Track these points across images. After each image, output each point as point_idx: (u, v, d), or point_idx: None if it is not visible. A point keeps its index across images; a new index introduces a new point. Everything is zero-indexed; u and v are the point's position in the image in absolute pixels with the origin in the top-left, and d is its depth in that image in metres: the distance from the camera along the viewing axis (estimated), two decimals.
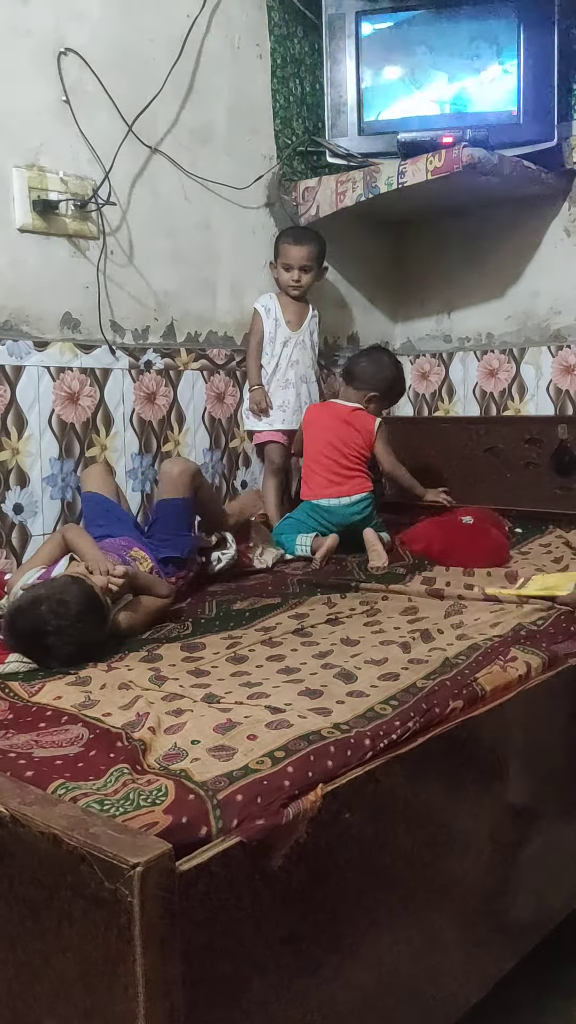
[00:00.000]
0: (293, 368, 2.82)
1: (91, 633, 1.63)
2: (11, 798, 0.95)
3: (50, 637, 1.57)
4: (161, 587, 1.93)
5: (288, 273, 2.79)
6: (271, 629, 1.77)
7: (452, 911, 1.32)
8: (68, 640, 1.58)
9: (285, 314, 2.83)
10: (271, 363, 2.82)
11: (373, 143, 2.87)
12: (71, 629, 1.58)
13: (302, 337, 2.85)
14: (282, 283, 2.83)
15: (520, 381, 3.14)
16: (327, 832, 1.06)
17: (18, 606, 1.64)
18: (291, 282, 2.79)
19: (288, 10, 2.92)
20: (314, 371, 2.90)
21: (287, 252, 2.78)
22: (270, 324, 2.81)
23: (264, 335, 2.81)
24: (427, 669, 1.45)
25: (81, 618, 1.60)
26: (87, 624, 1.62)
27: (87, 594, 1.65)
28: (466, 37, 2.80)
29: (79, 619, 1.60)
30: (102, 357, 2.48)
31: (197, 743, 1.16)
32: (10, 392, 2.27)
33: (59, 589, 1.64)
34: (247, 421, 2.88)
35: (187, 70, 2.64)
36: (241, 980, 0.96)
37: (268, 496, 2.88)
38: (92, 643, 1.63)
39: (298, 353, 2.83)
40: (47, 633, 1.57)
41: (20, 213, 2.26)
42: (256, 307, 2.82)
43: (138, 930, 0.82)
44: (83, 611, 1.61)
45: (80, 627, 1.59)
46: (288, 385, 2.82)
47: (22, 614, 1.61)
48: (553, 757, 1.56)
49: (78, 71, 2.35)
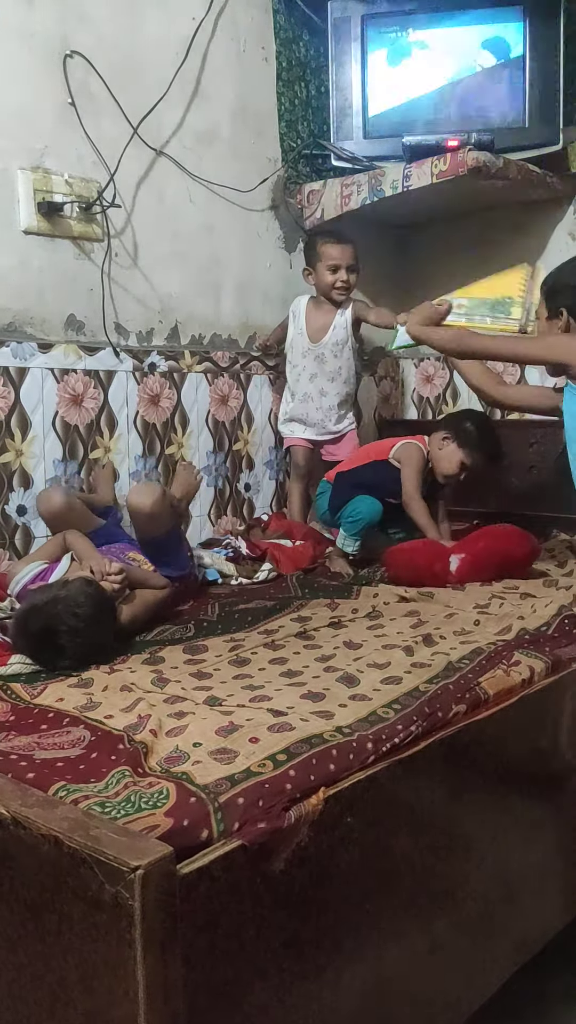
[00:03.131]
0: (313, 382, 2.79)
1: (102, 636, 1.65)
2: (12, 800, 0.95)
3: (63, 637, 1.58)
4: (155, 579, 1.96)
5: (335, 275, 2.69)
6: (273, 632, 1.77)
7: (454, 916, 1.31)
8: (81, 642, 1.59)
9: (308, 325, 2.78)
10: (293, 372, 2.81)
11: (378, 146, 2.86)
12: (86, 631, 1.59)
13: (322, 350, 2.77)
14: (325, 287, 2.73)
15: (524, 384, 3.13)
16: (329, 836, 1.06)
17: (33, 605, 1.65)
18: (339, 283, 2.70)
19: (294, 13, 2.93)
20: (344, 383, 2.81)
21: (330, 253, 2.70)
22: (294, 331, 2.79)
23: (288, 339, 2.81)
24: (430, 673, 1.45)
25: (96, 620, 1.63)
26: (100, 627, 1.64)
27: (102, 597, 1.69)
28: (472, 41, 2.79)
29: (95, 620, 1.62)
30: (106, 359, 2.48)
31: (199, 746, 1.16)
32: (14, 394, 2.28)
33: (75, 591, 1.66)
34: (280, 426, 2.90)
35: (192, 73, 2.64)
36: (242, 984, 0.96)
37: (292, 498, 2.88)
38: (102, 646, 1.64)
39: (315, 366, 2.78)
40: (61, 633, 1.58)
41: (25, 215, 2.26)
42: (292, 309, 2.81)
43: (139, 933, 0.82)
44: (97, 614, 1.64)
45: (94, 629, 1.62)
46: (307, 400, 2.80)
47: (37, 613, 1.62)
48: (556, 762, 1.55)
49: (84, 74, 2.36)
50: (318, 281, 2.75)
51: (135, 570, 1.95)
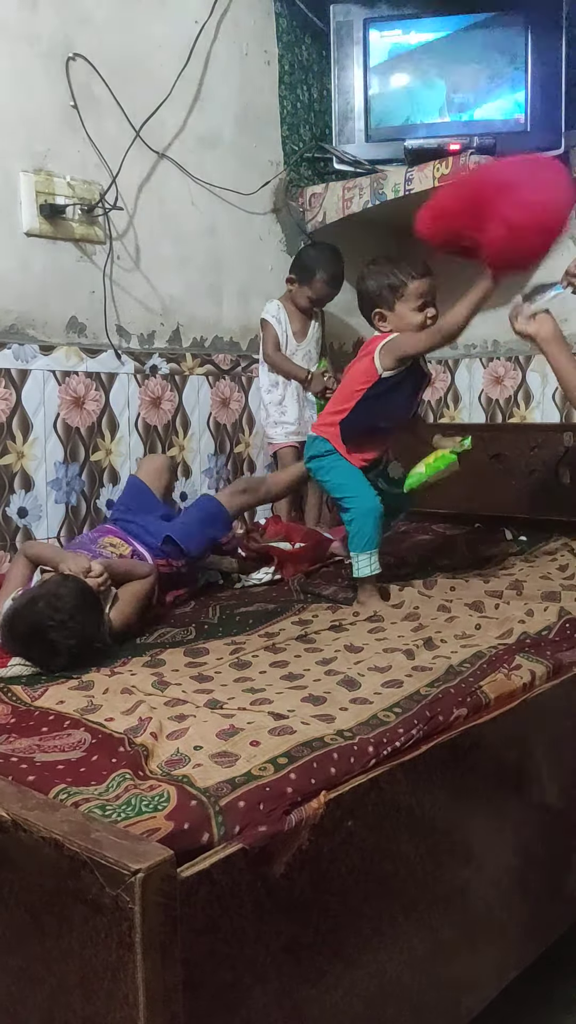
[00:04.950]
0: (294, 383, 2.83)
1: (89, 625, 1.65)
2: (13, 803, 0.95)
3: (52, 632, 1.58)
4: (140, 568, 1.95)
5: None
6: (274, 635, 1.76)
7: (454, 921, 1.31)
8: (69, 634, 1.58)
9: (292, 325, 2.83)
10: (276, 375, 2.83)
11: (380, 150, 2.87)
12: (71, 622, 1.59)
13: (308, 347, 2.85)
14: (299, 304, 2.81)
15: (526, 388, 3.14)
16: (330, 840, 1.06)
17: (14, 610, 1.66)
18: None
19: (296, 17, 2.93)
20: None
21: (321, 290, 2.76)
22: (281, 334, 2.81)
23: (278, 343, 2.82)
24: (431, 676, 1.44)
25: (79, 610, 1.62)
26: (85, 616, 1.64)
27: (81, 588, 1.68)
28: (474, 44, 2.80)
29: (77, 611, 1.62)
30: (108, 361, 2.48)
31: (199, 749, 1.16)
32: (15, 396, 2.28)
33: (53, 587, 1.67)
34: (267, 429, 2.89)
35: (195, 76, 2.65)
36: (242, 988, 0.96)
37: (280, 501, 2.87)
38: (91, 637, 1.65)
39: (304, 364, 2.83)
40: (48, 629, 1.58)
41: (27, 217, 2.27)
42: (266, 317, 2.81)
43: (139, 937, 0.81)
44: (80, 604, 1.64)
45: (79, 619, 1.61)
46: (299, 397, 2.82)
47: (20, 616, 1.62)
48: (557, 766, 1.55)
49: (86, 76, 2.36)
50: (296, 296, 2.78)
51: (116, 563, 1.92)
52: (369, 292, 2.13)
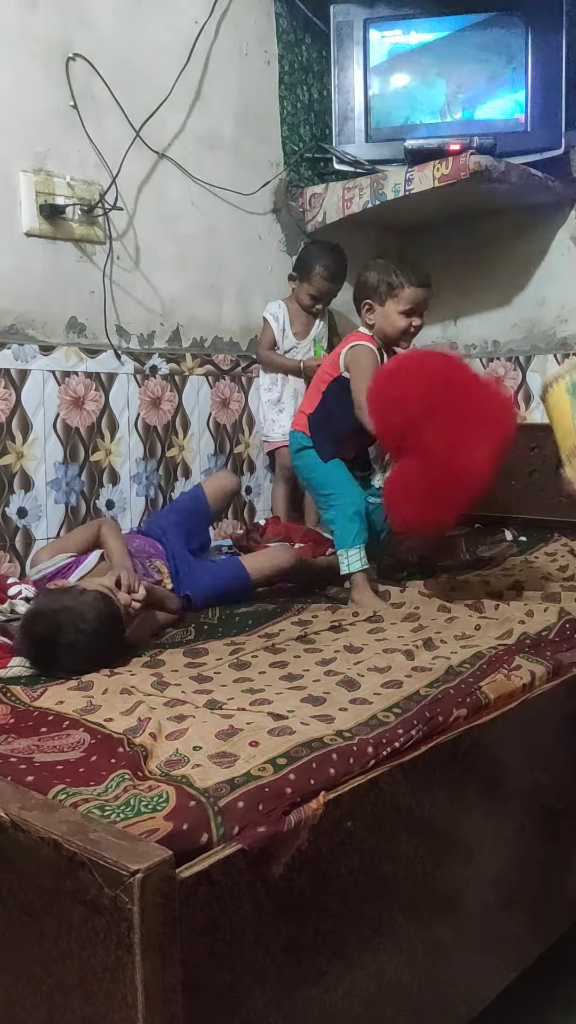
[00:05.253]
0: (292, 382, 2.83)
1: (103, 653, 1.60)
2: (11, 803, 0.95)
3: (61, 649, 1.56)
4: (171, 602, 1.95)
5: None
6: (274, 636, 1.76)
7: (454, 921, 1.31)
8: (79, 656, 1.56)
9: (293, 324, 2.84)
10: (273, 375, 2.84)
11: (380, 150, 2.87)
12: (87, 646, 1.57)
13: (308, 346, 2.85)
14: (301, 302, 2.83)
15: (526, 389, 3.13)
16: (329, 840, 1.06)
17: (40, 610, 1.64)
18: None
19: (296, 17, 2.93)
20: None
21: (320, 285, 2.76)
22: (278, 333, 2.82)
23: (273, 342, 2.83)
24: (431, 677, 1.44)
25: (99, 635, 1.59)
26: (102, 644, 1.60)
27: (112, 615, 1.64)
28: (474, 44, 2.80)
29: (97, 637, 1.58)
30: (107, 362, 2.48)
31: (199, 749, 1.16)
32: (15, 396, 2.27)
33: (87, 605, 1.62)
34: (264, 428, 2.90)
35: (195, 76, 2.65)
36: (241, 989, 0.95)
37: (277, 501, 2.89)
38: (98, 663, 1.59)
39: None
40: (60, 645, 1.56)
41: (27, 217, 2.26)
42: (265, 315, 2.82)
43: (138, 937, 0.81)
44: (102, 631, 1.60)
45: (95, 646, 1.58)
46: (297, 396, 2.81)
47: (43, 619, 1.60)
48: (557, 766, 1.55)
49: (86, 76, 2.36)
50: (299, 295, 2.80)
51: (156, 590, 1.91)
52: (368, 282, 2.18)
